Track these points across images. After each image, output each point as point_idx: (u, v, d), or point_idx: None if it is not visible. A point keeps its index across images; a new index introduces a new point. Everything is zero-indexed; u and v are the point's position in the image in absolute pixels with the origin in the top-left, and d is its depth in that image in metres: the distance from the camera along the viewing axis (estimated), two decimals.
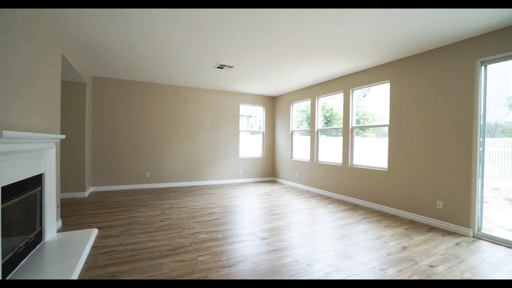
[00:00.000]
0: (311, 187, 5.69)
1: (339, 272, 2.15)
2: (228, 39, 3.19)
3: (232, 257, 2.39)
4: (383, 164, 4.14)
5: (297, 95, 6.24)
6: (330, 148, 5.39)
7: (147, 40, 3.29)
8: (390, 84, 3.99)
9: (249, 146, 7.24)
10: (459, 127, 3.12)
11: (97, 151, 5.23)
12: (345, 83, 4.82)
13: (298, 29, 2.88)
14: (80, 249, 2.38)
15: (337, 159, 5.05)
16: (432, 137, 3.40)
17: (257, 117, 7.78)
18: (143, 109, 5.61)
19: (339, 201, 4.72)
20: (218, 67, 4.43)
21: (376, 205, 4.18)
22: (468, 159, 3.03)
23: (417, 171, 3.58)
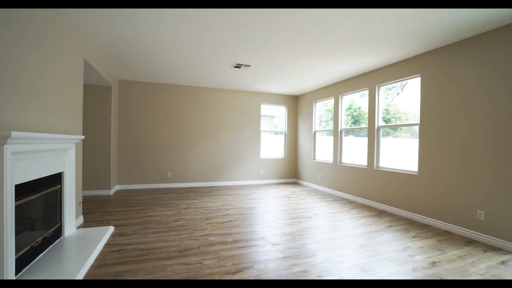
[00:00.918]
0: (334, 190, 5.38)
1: None
2: (244, 37, 3.10)
3: (238, 262, 2.29)
4: (413, 167, 3.74)
5: (319, 93, 5.96)
6: (357, 149, 5.03)
7: (172, 41, 3.32)
8: (420, 79, 3.59)
9: (272, 147, 7.10)
10: (505, 125, 2.67)
11: (123, 151, 5.48)
12: (370, 79, 4.47)
13: (318, 20, 2.67)
14: (93, 246, 2.45)
15: (362, 161, 4.70)
16: (472, 137, 2.96)
17: (281, 117, 7.58)
18: (165, 110, 5.76)
19: (363, 206, 4.38)
20: (235, 67, 4.38)
21: (404, 212, 3.78)
22: None
23: (453, 175, 3.15)
